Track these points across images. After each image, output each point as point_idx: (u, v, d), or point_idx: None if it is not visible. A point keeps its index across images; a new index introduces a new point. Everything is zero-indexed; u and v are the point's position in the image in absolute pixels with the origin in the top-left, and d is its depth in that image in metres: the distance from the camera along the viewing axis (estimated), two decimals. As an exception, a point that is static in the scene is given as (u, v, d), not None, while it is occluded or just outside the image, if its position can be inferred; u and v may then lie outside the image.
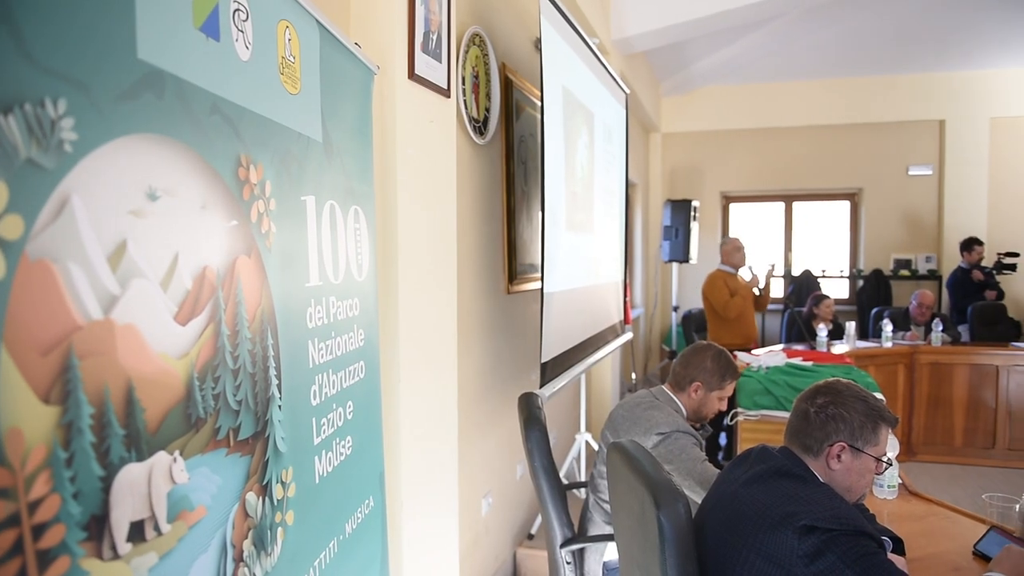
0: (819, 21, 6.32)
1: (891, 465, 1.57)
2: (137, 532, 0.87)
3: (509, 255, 3.23)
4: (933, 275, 7.54)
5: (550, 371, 2.86)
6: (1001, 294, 6.43)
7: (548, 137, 2.82)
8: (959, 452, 5.36)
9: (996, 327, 6.16)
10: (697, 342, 2.55)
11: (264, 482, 1.21)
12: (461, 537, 2.74)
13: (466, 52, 2.76)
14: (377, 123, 1.97)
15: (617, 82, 4.39)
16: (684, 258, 6.78)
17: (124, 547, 0.84)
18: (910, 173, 7.72)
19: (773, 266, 5.65)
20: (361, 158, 1.76)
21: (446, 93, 2.32)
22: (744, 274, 5.42)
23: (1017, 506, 1.83)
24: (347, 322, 1.61)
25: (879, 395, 3.24)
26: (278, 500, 1.27)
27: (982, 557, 1.77)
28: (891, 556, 1.61)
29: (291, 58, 1.36)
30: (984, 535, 1.82)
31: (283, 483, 1.29)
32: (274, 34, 1.29)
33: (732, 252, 5.35)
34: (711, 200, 8.21)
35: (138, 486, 0.87)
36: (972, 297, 6.29)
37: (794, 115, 7.89)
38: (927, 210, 7.71)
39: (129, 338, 0.86)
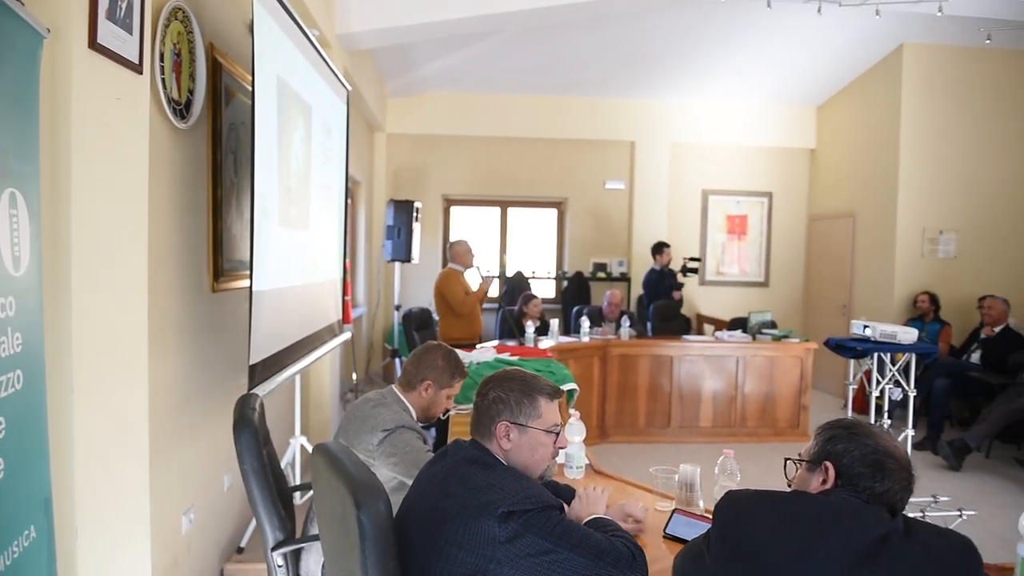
0: (533, 42, 6.82)
1: (557, 433, 1.73)
2: None
3: (215, 251, 3.00)
4: (624, 277, 8.52)
5: (260, 373, 2.72)
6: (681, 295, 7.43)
7: (259, 127, 2.67)
8: (643, 432, 6.11)
9: (672, 323, 7.14)
10: (428, 342, 2.61)
11: None
12: (156, 560, 2.49)
13: (166, 26, 2.51)
14: (46, 95, 1.71)
15: (338, 77, 4.31)
16: (406, 258, 6.88)
17: None
18: (607, 187, 8.63)
19: (485, 273, 6.02)
20: (21, 133, 1.51)
21: (138, 69, 2.09)
22: (472, 274, 5.72)
23: (676, 476, 2.13)
24: (-3, 325, 1.37)
25: (572, 385, 3.58)
26: None
27: (673, 539, 1.98)
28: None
29: (-84, 5, 1.12)
30: (670, 519, 2.05)
31: (-102, 522, 1.06)
32: None
33: (464, 253, 5.68)
34: (433, 202, 8.43)
35: None
36: (663, 296, 7.18)
37: (511, 126, 8.40)
38: (620, 220, 8.68)
39: None
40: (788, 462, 1.52)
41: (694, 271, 7.58)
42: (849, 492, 1.35)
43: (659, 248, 7.31)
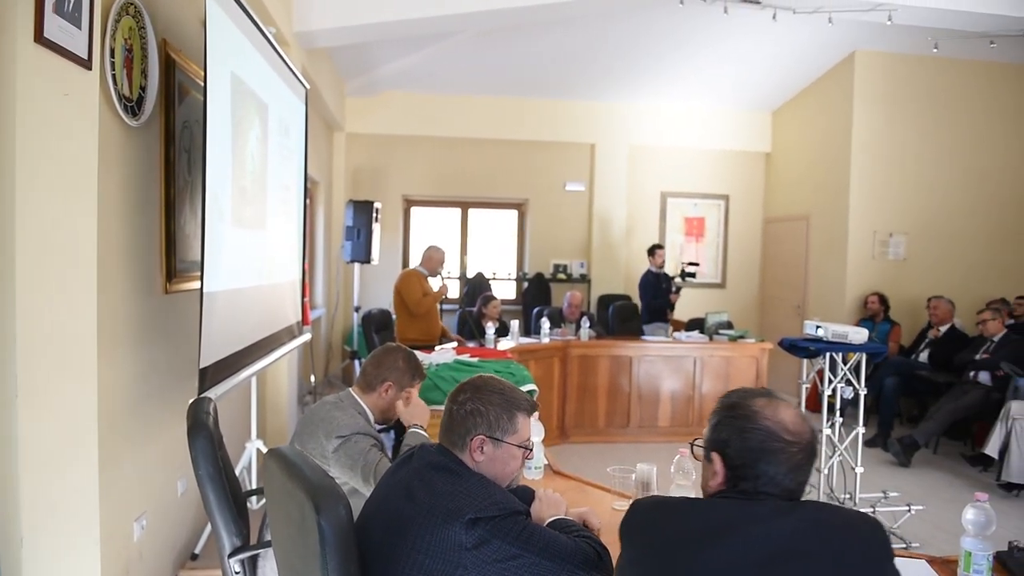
0: (494, 43, 6.83)
1: (531, 450, 1.73)
2: None
3: (167, 251, 2.94)
4: (584, 278, 8.57)
5: (212, 376, 2.67)
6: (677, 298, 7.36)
7: (212, 125, 2.63)
8: (603, 432, 6.16)
9: (630, 323, 7.20)
10: (387, 344, 2.61)
11: None
12: (106, 568, 2.43)
13: (117, 21, 2.46)
14: (-11, 90, 1.66)
15: (296, 76, 4.26)
16: (366, 259, 6.82)
17: None
18: (567, 188, 8.67)
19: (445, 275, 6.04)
20: (-38, 129, 1.47)
21: (87, 64, 2.04)
22: (435, 282, 5.75)
23: (633, 475, 2.15)
24: (-64, 327, 1.32)
25: (532, 386, 3.59)
26: None
27: None
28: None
29: None
30: None
31: None
32: None
33: (436, 261, 5.74)
34: (393, 202, 8.38)
35: None
36: (660, 298, 7.08)
37: (471, 127, 8.39)
38: (580, 221, 8.73)
39: None
40: (693, 447, 1.50)
41: (692, 275, 7.42)
42: (739, 492, 1.31)
43: (652, 250, 7.15)
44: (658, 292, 7.11)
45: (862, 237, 7.36)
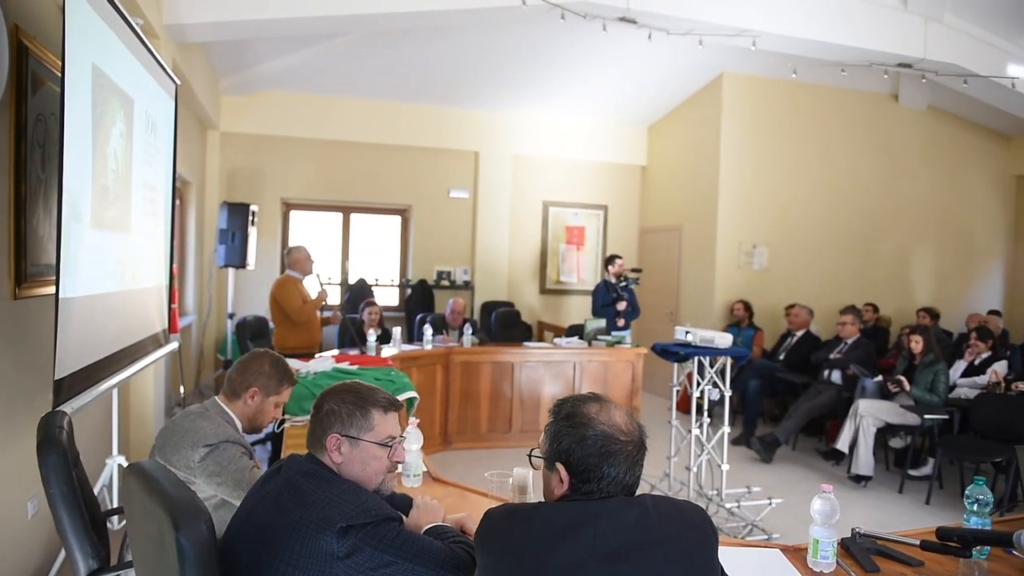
0: (378, 47, 6.76)
1: (391, 446, 1.69)
2: None
3: (16, 254, 2.72)
4: (467, 285, 8.61)
5: (68, 388, 2.49)
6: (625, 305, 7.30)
7: (70, 119, 2.45)
8: (485, 438, 6.19)
9: (513, 330, 7.29)
10: (254, 349, 2.52)
11: None
12: (-61, 601, 2.21)
13: (-41, 3, 2.26)
14: None
15: (166, 70, 4.05)
16: (241, 263, 6.57)
17: None
18: (451, 195, 8.70)
19: (325, 280, 5.85)
20: None
21: (-79, 48, 1.86)
22: (311, 282, 5.55)
23: (510, 479, 2.18)
24: None
25: (412, 393, 3.57)
26: None
27: None
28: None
29: None
30: None
31: None
32: None
33: (303, 260, 5.50)
34: (271, 206, 8.09)
35: None
36: (611, 306, 6.95)
37: (354, 131, 8.24)
38: (464, 228, 8.76)
39: None
40: (531, 457, 1.56)
41: (635, 281, 7.18)
42: (583, 494, 1.37)
43: (611, 259, 7.08)
44: (607, 300, 7.01)
45: (729, 247, 7.82)
